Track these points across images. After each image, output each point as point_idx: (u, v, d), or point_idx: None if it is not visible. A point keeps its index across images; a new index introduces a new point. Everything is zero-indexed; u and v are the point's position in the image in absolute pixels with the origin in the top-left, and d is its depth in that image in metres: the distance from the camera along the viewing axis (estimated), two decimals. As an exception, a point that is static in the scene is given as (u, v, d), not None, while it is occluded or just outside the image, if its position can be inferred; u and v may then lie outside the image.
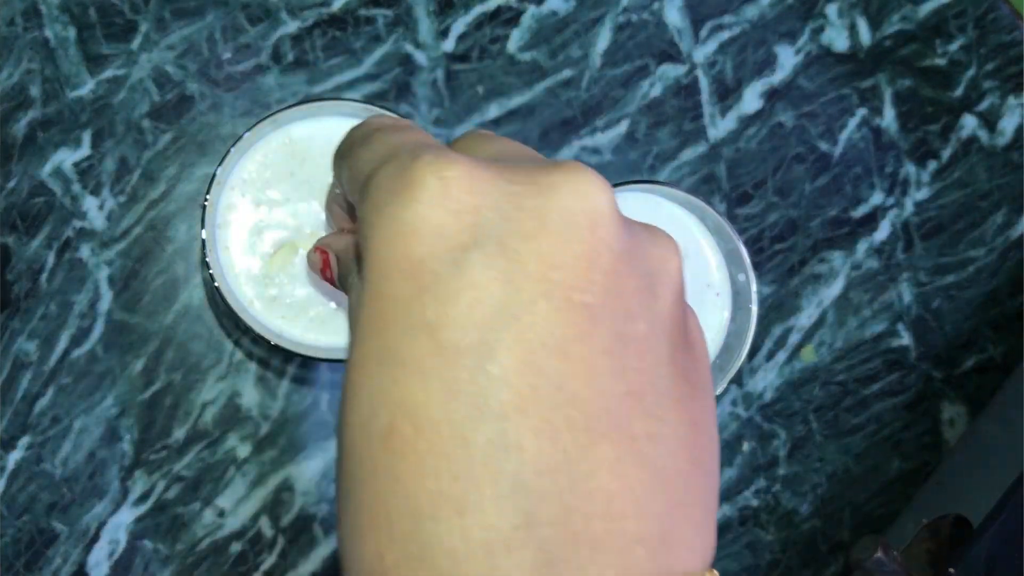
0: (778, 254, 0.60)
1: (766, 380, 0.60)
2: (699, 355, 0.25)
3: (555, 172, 0.23)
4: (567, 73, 0.58)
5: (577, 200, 0.22)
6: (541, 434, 0.21)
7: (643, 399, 0.22)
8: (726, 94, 0.60)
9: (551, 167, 0.23)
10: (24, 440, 0.53)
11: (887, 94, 0.62)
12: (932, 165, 0.62)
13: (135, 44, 0.55)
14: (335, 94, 0.56)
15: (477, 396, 0.21)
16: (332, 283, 0.38)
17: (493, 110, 0.58)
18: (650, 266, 0.24)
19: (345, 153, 0.30)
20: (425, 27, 0.57)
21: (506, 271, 0.22)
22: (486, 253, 0.22)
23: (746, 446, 0.60)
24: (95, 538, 0.53)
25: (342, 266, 0.36)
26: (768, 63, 0.61)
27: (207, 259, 0.45)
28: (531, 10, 0.58)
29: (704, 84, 0.60)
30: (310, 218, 0.48)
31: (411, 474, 0.21)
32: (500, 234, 0.22)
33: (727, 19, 0.60)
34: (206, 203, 0.45)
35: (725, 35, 0.60)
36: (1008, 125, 0.63)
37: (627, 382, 0.22)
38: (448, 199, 0.22)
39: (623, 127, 0.59)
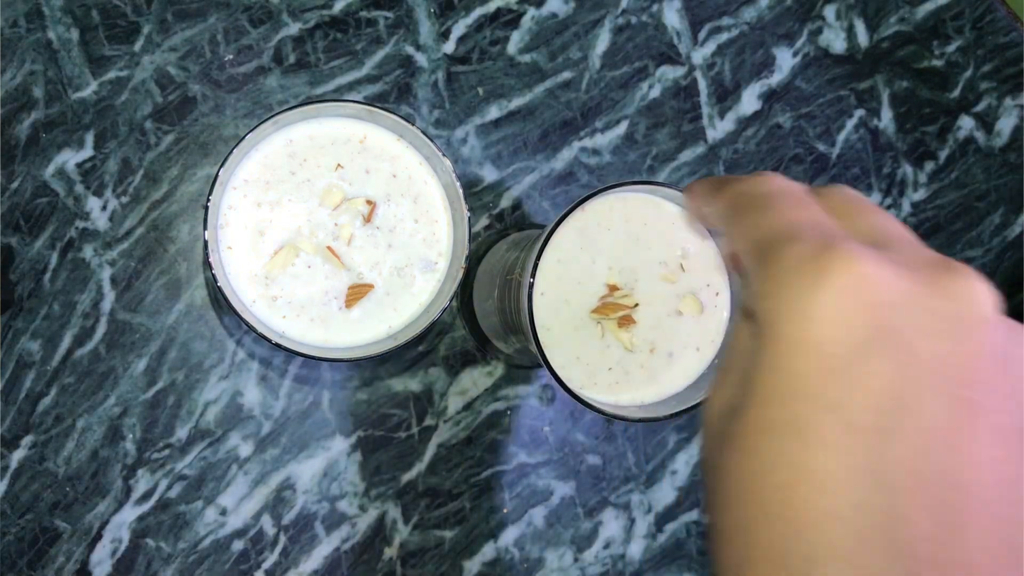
0: (776, 254, 0.61)
1: (764, 380, 0.60)
2: None
3: (953, 278, 0.26)
4: (567, 75, 0.59)
5: (972, 306, 0.26)
6: (926, 510, 0.24)
7: (1018, 486, 0.25)
8: (724, 95, 0.60)
9: (947, 272, 0.26)
10: (27, 439, 0.53)
11: (885, 95, 0.62)
12: (929, 166, 0.62)
13: (138, 46, 0.55)
14: (336, 95, 0.56)
15: (874, 472, 0.24)
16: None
17: (493, 111, 0.58)
18: (1019, 366, 0.26)
19: (736, 208, 0.31)
20: (426, 29, 0.57)
21: (903, 364, 0.25)
22: (887, 346, 0.25)
23: (745, 445, 0.60)
24: (98, 536, 0.53)
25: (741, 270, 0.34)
26: (766, 64, 0.61)
27: (209, 259, 0.45)
28: (531, 12, 0.58)
29: (703, 85, 0.60)
30: (311, 218, 0.48)
31: (808, 525, 0.24)
32: (900, 329, 0.25)
33: (726, 21, 0.60)
34: (208, 204, 0.45)
35: (724, 37, 0.60)
36: (1005, 126, 0.63)
37: (1002, 471, 0.25)
38: (860, 293, 0.25)
39: (622, 128, 0.59)
